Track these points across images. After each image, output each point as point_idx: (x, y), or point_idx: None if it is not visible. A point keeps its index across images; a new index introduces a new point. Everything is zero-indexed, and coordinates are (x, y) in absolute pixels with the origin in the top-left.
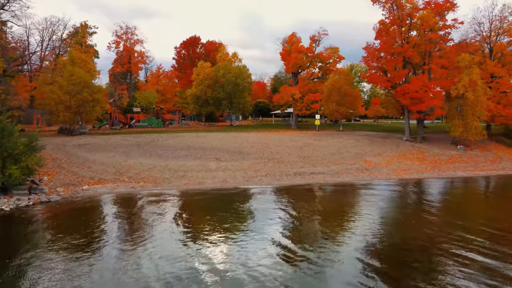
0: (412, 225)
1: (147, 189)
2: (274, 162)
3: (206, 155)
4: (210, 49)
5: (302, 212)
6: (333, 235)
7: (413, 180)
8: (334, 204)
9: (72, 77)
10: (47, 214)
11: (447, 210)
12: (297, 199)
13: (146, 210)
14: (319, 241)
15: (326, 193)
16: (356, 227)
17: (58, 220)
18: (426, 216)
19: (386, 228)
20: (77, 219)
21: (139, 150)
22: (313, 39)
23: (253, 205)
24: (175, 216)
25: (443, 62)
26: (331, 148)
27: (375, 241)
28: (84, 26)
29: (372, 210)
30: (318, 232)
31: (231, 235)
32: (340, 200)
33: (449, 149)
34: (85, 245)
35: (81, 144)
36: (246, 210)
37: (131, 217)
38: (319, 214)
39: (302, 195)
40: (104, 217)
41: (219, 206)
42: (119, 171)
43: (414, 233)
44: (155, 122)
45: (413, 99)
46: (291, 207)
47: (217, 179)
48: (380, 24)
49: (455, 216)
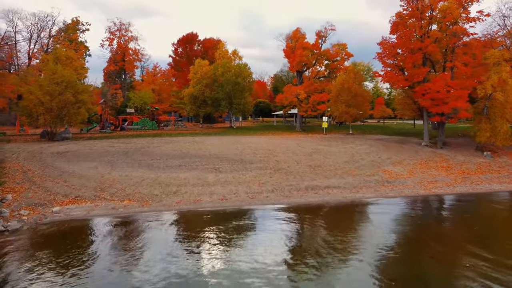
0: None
1: (132, 210)
2: (281, 173)
3: (203, 164)
4: (208, 46)
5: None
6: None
7: (446, 196)
8: (376, 240)
9: (54, 76)
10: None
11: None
12: (320, 231)
13: (125, 246)
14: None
15: (351, 218)
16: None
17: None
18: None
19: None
20: (32, 261)
21: (127, 159)
22: (319, 35)
23: (265, 245)
24: (154, 261)
25: (467, 58)
26: (343, 155)
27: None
28: (75, 22)
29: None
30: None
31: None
32: (379, 233)
33: (474, 155)
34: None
35: (61, 152)
36: (257, 258)
37: (101, 259)
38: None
39: (324, 223)
40: (66, 260)
41: (217, 246)
42: (101, 186)
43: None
44: (149, 124)
45: (433, 100)
46: (321, 250)
47: (215, 196)
48: (397, 16)
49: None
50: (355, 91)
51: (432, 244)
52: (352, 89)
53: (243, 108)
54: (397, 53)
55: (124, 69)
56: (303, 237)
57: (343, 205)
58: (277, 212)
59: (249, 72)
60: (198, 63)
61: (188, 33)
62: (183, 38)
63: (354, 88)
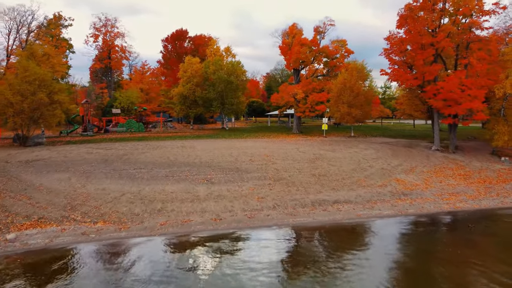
0: None
1: (105, 236)
2: (282, 184)
3: (193, 174)
4: (199, 43)
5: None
6: None
7: (475, 213)
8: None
9: (26, 74)
10: None
11: None
12: (351, 274)
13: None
14: None
15: (378, 251)
16: None
17: None
18: None
19: None
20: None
21: (106, 168)
22: (318, 30)
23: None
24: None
25: (482, 55)
26: (349, 161)
27: None
28: (57, 17)
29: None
30: None
31: None
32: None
33: (491, 161)
34: None
35: (30, 161)
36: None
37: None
38: None
39: (349, 261)
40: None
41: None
42: (71, 204)
43: None
44: (135, 126)
45: (446, 101)
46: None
47: (207, 214)
48: (406, 8)
49: None
50: (357, 90)
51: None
52: (354, 88)
53: (236, 109)
54: (406, 49)
55: (110, 67)
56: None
57: (360, 225)
58: (283, 237)
59: (242, 70)
60: (188, 60)
61: (178, 30)
62: (172, 34)
63: (357, 87)
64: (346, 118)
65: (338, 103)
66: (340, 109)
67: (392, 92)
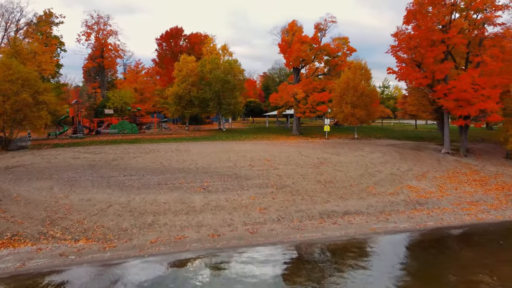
0: None
1: (87, 257)
2: (286, 192)
3: (189, 182)
4: (195, 41)
5: None
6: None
7: (502, 224)
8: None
9: (8, 72)
10: None
11: None
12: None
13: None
14: None
15: (397, 273)
16: None
17: None
18: None
19: None
20: None
21: (93, 175)
22: (318, 27)
23: None
24: None
25: (496, 52)
26: (355, 166)
27: None
28: (48, 14)
29: None
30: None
31: None
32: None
33: (506, 165)
34: None
35: (10, 167)
36: None
37: None
38: None
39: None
40: None
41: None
42: (52, 217)
43: None
44: (128, 127)
45: (458, 101)
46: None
47: (204, 229)
48: (415, 3)
49: None
50: (361, 90)
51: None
52: (358, 87)
53: (234, 109)
54: (415, 46)
55: (103, 66)
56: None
57: (377, 242)
58: (290, 258)
59: (240, 69)
60: (183, 59)
61: (173, 27)
62: (167, 32)
63: (361, 87)
64: (350, 119)
65: (341, 103)
66: (343, 110)
67: (391, 92)
